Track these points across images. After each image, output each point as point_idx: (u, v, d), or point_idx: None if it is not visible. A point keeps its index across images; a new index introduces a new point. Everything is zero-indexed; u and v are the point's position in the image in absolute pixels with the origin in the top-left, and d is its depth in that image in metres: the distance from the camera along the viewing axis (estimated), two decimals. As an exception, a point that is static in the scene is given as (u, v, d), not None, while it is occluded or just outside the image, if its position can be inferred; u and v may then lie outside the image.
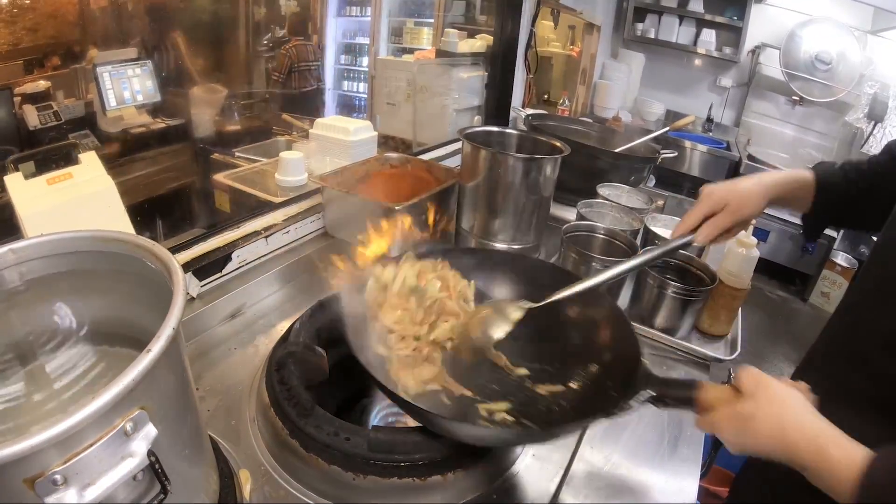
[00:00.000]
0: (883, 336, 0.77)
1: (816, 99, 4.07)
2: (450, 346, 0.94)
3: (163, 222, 2.18)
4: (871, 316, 0.82)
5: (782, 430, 0.65)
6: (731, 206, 0.98)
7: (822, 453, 0.62)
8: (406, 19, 4.45)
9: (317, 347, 0.89)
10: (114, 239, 0.65)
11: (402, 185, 1.57)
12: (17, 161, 0.98)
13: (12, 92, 2.21)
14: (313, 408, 0.80)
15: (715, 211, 0.99)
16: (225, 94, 3.08)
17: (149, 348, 0.47)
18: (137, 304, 0.68)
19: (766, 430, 0.66)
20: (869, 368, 0.79)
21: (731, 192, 0.99)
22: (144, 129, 2.58)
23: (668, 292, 1.23)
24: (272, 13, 4.08)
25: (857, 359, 0.82)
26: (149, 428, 0.49)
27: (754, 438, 0.67)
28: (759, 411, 0.67)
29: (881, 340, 0.77)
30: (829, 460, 0.61)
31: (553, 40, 4.31)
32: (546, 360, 0.97)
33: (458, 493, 0.81)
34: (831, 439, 0.63)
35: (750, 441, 0.68)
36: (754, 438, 0.67)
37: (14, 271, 0.64)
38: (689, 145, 4.00)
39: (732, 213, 0.98)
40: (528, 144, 1.59)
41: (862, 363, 0.80)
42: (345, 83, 4.75)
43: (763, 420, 0.66)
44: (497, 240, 1.46)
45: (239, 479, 0.78)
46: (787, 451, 0.65)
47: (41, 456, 0.42)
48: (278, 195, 1.78)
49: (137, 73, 2.48)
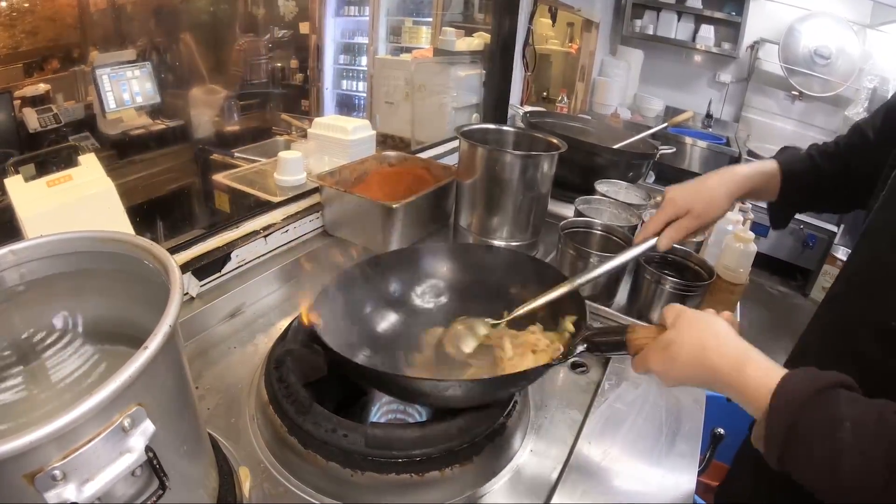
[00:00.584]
0: (874, 324, 0.77)
1: (816, 94, 4.08)
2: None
3: (163, 223, 2.19)
4: (860, 304, 0.82)
5: (703, 352, 0.66)
6: (694, 210, 0.99)
7: (741, 372, 0.62)
8: (404, 18, 4.44)
9: (315, 345, 0.90)
10: (112, 239, 0.66)
11: (401, 184, 1.58)
12: (17, 164, 0.99)
13: (12, 95, 2.22)
14: (311, 405, 0.80)
15: (679, 215, 1.00)
16: (224, 94, 3.08)
17: (146, 345, 0.48)
18: (137, 303, 0.68)
19: (687, 354, 0.67)
20: (860, 357, 0.79)
21: (695, 196, 0.99)
22: (144, 130, 2.59)
23: (666, 287, 1.23)
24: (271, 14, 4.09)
25: (848, 351, 0.82)
26: (146, 424, 0.49)
27: (679, 365, 0.68)
28: (679, 337, 0.69)
29: (872, 328, 0.77)
30: (748, 378, 0.62)
31: (552, 38, 4.32)
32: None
33: (456, 489, 0.81)
34: (751, 358, 0.63)
35: (675, 369, 0.69)
36: (679, 365, 0.68)
37: (14, 272, 0.65)
38: (689, 141, 4.00)
39: (696, 217, 0.99)
40: (525, 141, 1.59)
41: (853, 352, 0.81)
42: (344, 82, 4.75)
43: (684, 345, 0.68)
44: (495, 237, 1.47)
45: (238, 476, 0.78)
46: (708, 374, 0.66)
47: (40, 451, 0.43)
48: (277, 195, 1.78)
49: (136, 74, 2.49)
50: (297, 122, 2.96)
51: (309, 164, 1.85)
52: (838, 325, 0.88)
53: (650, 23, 4.42)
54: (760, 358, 0.64)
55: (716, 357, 0.65)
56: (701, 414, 1.03)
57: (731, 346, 0.66)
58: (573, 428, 0.98)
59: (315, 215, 1.47)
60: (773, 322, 3.50)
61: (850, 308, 0.85)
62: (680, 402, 1.04)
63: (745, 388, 0.62)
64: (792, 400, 0.57)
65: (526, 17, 2.55)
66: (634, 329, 0.77)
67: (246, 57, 3.75)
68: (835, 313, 0.90)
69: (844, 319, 0.86)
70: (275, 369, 0.88)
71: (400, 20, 4.47)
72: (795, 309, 3.77)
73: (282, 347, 0.90)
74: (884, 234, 0.80)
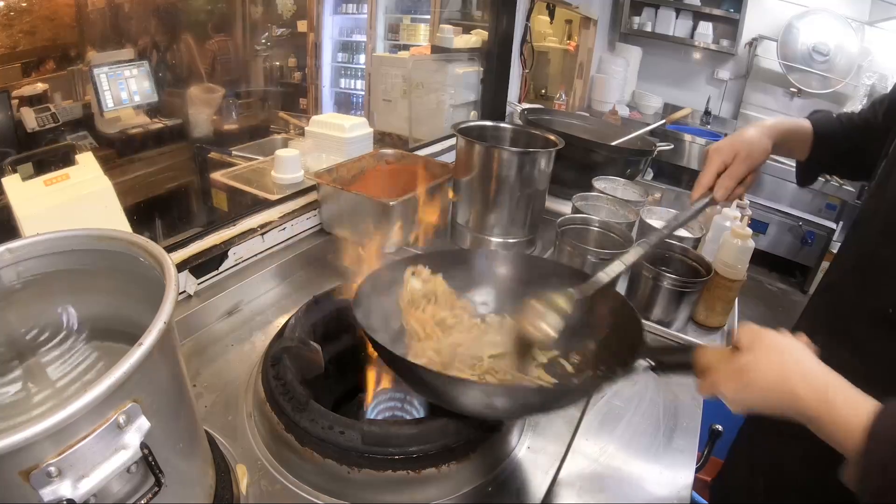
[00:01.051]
0: (867, 310, 0.77)
1: (814, 90, 4.08)
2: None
3: (161, 221, 2.20)
4: (853, 292, 0.83)
5: (784, 379, 0.62)
6: (740, 154, 1.00)
7: (827, 403, 0.59)
8: (402, 16, 4.45)
9: (312, 342, 0.90)
10: (108, 237, 0.66)
11: (398, 181, 1.58)
12: (14, 163, 0.99)
13: (10, 95, 2.21)
14: (308, 402, 0.80)
15: (726, 164, 1.01)
16: (222, 93, 3.08)
17: (140, 342, 0.48)
18: (133, 300, 0.68)
19: (768, 381, 0.63)
20: (852, 343, 0.79)
21: (738, 142, 1.01)
22: (142, 129, 2.59)
23: (664, 284, 1.23)
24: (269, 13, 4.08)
25: (840, 334, 0.83)
26: (141, 420, 0.50)
27: (755, 391, 0.64)
28: (758, 362, 0.64)
29: (865, 314, 0.78)
30: (835, 409, 0.58)
31: (550, 35, 4.31)
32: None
33: (453, 486, 0.81)
34: (838, 388, 0.60)
35: (751, 395, 0.64)
36: (755, 391, 0.64)
37: (11, 270, 0.65)
38: (687, 138, 4.01)
39: (744, 160, 1.00)
40: (522, 138, 1.59)
41: (845, 338, 0.81)
42: (342, 80, 4.75)
43: (763, 371, 0.63)
44: (492, 234, 1.47)
45: (235, 473, 0.79)
46: (790, 402, 0.61)
47: (35, 448, 0.43)
48: (275, 193, 1.78)
49: (134, 73, 2.49)
50: (294, 121, 2.96)
51: (306, 162, 1.85)
52: (831, 310, 0.89)
53: (648, 20, 4.42)
54: (846, 387, 0.60)
55: (800, 385, 0.61)
56: (699, 410, 1.03)
57: (816, 373, 0.62)
58: (571, 424, 0.98)
59: (312, 213, 1.47)
60: (771, 319, 3.50)
61: (844, 295, 0.86)
62: (678, 398, 1.04)
63: (832, 422, 0.58)
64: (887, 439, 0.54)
65: (524, 15, 2.55)
66: (702, 350, 0.72)
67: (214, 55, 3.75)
68: (827, 300, 0.92)
69: (837, 305, 0.87)
70: (272, 367, 0.88)
71: (398, 18, 4.47)
72: (794, 306, 3.77)
73: (279, 345, 0.90)
74: (873, 223, 0.81)
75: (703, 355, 0.71)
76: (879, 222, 0.80)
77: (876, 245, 0.79)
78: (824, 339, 0.86)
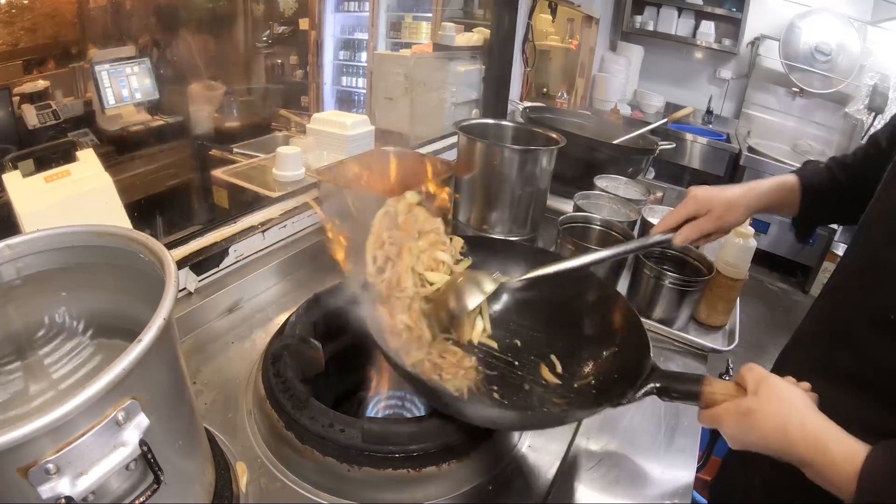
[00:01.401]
0: (869, 314, 0.77)
1: (816, 90, 4.07)
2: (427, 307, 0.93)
3: (162, 219, 2.19)
4: (856, 295, 0.83)
5: (784, 426, 0.65)
6: (714, 211, 0.99)
7: (821, 449, 0.62)
8: (404, 14, 4.44)
9: (312, 340, 0.90)
10: (108, 233, 0.66)
11: (399, 179, 1.57)
12: (15, 159, 0.98)
13: (11, 92, 2.21)
14: (308, 400, 0.80)
15: (699, 214, 1.00)
16: (223, 90, 3.08)
17: (140, 338, 0.48)
18: (133, 296, 0.68)
19: (769, 427, 0.67)
20: (854, 347, 0.80)
21: (717, 199, 1.00)
22: (143, 126, 2.58)
23: (666, 283, 1.23)
24: (271, 10, 4.08)
25: (842, 338, 0.83)
26: (140, 418, 0.49)
27: (756, 435, 0.68)
28: (762, 408, 0.67)
29: (867, 319, 0.78)
30: (829, 455, 0.61)
31: (552, 34, 4.30)
32: (556, 347, 0.99)
33: (453, 484, 0.81)
34: (832, 436, 0.63)
35: (750, 437, 0.69)
36: (756, 435, 0.68)
37: (11, 266, 0.65)
38: (689, 137, 4.00)
39: (715, 219, 1.00)
40: (524, 136, 1.59)
41: (847, 342, 0.81)
42: (343, 78, 4.75)
43: (766, 417, 0.67)
44: (494, 231, 1.47)
45: (235, 471, 0.78)
46: (787, 448, 0.65)
47: (34, 445, 0.43)
48: (276, 190, 1.78)
49: (135, 70, 2.48)
50: (295, 118, 2.96)
51: (308, 160, 1.85)
52: (834, 314, 0.89)
53: (650, 19, 4.41)
54: (842, 436, 0.63)
55: (797, 433, 0.64)
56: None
57: (810, 420, 0.65)
58: (572, 423, 0.97)
59: (313, 211, 1.47)
60: (772, 319, 3.49)
61: (846, 298, 0.85)
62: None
63: (826, 468, 0.62)
64: (875, 483, 0.57)
65: (525, 13, 2.55)
66: (711, 383, 0.75)
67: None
68: (831, 303, 0.91)
69: (839, 309, 0.86)
70: (272, 364, 0.87)
71: (400, 16, 4.46)
72: (795, 306, 3.76)
73: (279, 342, 0.90)
74: (878, 226, 0.81)
75: (711, 387, 0.75)
76: (883, 226, 0.80)
77: (879, 249, 0.79)
78: (827, 345, 0.86)
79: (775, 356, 1.06)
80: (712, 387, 0.74)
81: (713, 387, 0.74)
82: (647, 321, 1.25)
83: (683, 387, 0.77)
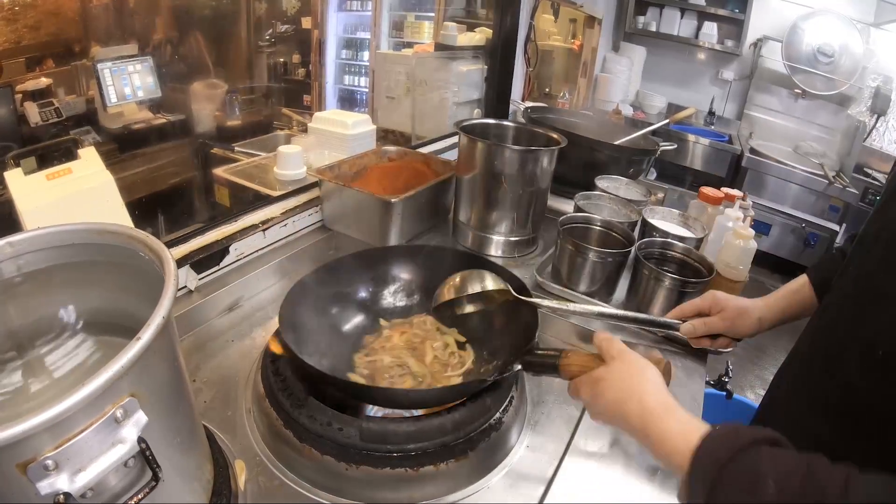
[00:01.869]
0: (858, 346, 0.74)
1: (819, 92, 4.06)
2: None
3: (163, 217, 2.20)
4: (847, 324, 0.80)
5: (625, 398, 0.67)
6: (727, 312, 1.04)
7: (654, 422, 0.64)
8: (407, 13, 4.44)
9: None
10: (108, 231, 0.66)
11: (400, 179, 1.57)
12: (16, 157, 0.99)
13: (13, 89, 2.21)
14: (307, 398, 0.80)
15: (712, 311, 1.06)
16: (225, 89, 3.08)
17: (139, 336, 0.48)
18: (133, 294, 0.69)
19: (611, 396, 0.69)
20: (843, 379, 0.77)
21: (734, 305, 1.04)
22: (145, 124, 2.58)
23: (665, 283, 1.23)
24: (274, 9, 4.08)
25: (832, 367, 0.80)
26: (139, 415, 0.50)
27: (601, 403, 0.71)
28: (609, 375, 0.71)
29: (857, 350, 0.75)
30: (666, 433, 0.62)
31: (554, 34, 4.30)
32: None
33: (451, 484, 0.81)
34: (671, 412, 0.64)
35: (598, 405, 0.71)
36: (601, 403, 0.71)
37: (12, 264, 0.65)
38: (691, 138, 4.00)
39: (725, 320, 1.04)
40: (525, 136, 1.59)
41: (836, 373, 0.79)
42: (346, 77, 4.75)
43: (611, 386, 0.70)
44: (494, 232, 1.47)
45: (234, 469, 0.78)
46: (623, 421, 0.68)
47: (33, 441, 0.43)
48: (277, 189, 1.78)
49: (138, 69, 2.48)
50: (297, 117, 2.96)
51: (309, 159, 1.85)
52: (825, 340, 0.86)
53: (653, 19, 4.41)
54: (682, 414, 0.64)
55: (635, 407, 0.66)
56: (699, 412, 1.03)
57: (656, 398, 0.66)
58: (570, 424, 0.97)
59: (314, 209, 1.47)
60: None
61: (838, 325, 0.83)
62: (677, 399, 1.03)
63: (662, 442, 0.62)
64: (713, 459, 0.56)
65: (528, 13, 2.55)
66: (568, 355, 0.80)
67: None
68: (824, 326, 0.89)
69: (831, 335, 0.84)
70: (271, 363, 0.88)
71: (402, 15, 4.46)
72: (796, 307, 3.76)
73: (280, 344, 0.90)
74: (877, 248, 0.77)
75: (568, 359, 0.79)
76: (881, 249, 0.76)
77: (875, 277, 0.76)
78: (817, 374, 0.85)
79: (775, 357, 1.06)
80: (569, 359, 0.79)
81: (570, 358, 0.79)
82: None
83: (542, 360, 0.83)
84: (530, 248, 1.54)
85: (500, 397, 0.88)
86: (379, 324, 1.09)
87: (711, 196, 1.53)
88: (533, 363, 0.83)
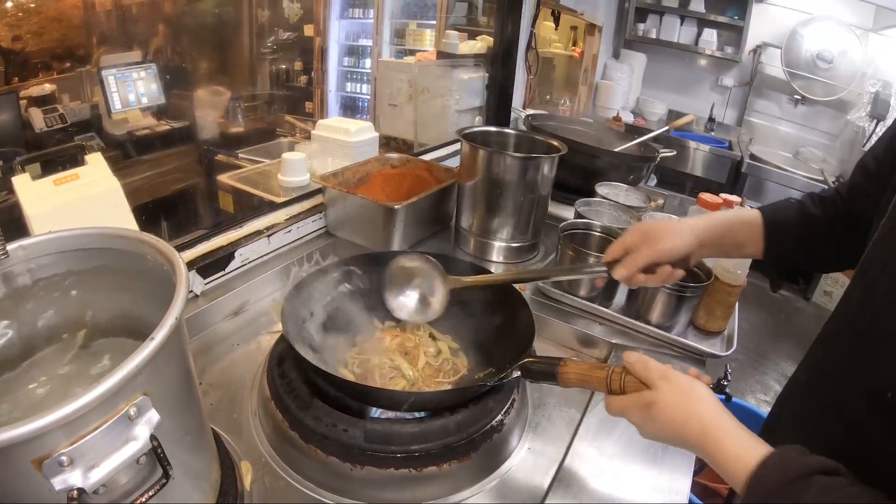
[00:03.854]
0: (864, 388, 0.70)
1: (818, 98, 4.08)
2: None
3: (168, 223, 2.22)
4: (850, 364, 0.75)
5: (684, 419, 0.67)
6: (649, 234, 0.94)
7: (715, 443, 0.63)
8: (408, 21, 4.47)
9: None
10: (118, 235, 0.67)
11: (402, 185, 1.59)
12: (24, 162, 1.01)
13: (18, 95, 2.23)
14: (312, 400, 0.82)
15: (636, 246, 0.94)
16: (228, 96, 3.11)
17: (153, 336, 0.50)
18: (142, 298, 0.70)
19: (667, 417, 0.68)
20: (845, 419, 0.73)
21: (655, 227, 0.95)
22: (149, 131, 2.61)
23: (664, 288, 1.24)
24: (276, 16, 4.11)
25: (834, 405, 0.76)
26: (151, 413, 0.51)
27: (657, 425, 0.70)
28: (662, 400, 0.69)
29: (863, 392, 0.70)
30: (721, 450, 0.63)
31: (555, 41, 4.33)
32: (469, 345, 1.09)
33: (453, 485, 0.82)
34: (729, 431, 0.64)
35: (653, 429, 0.71)
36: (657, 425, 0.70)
37: (23, 267, 0.67)
38: (691, 145, 4.01)
39: (648, 244, 0.93)
40: (526, 144, 1.60)
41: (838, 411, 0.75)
42: (348, 85, 4.78)
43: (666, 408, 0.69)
44: (496, 238, 1.48)
45: (240, 470, 0.80)
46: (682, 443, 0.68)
47: (48, 437, 0.44)
48: (281, 195, 1.80)
49: (142, 75, 2.51)
50: (300, 124, 2.98)
51: (312, 166, 1.87)
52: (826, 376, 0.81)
53: (653, 26, 4.43)
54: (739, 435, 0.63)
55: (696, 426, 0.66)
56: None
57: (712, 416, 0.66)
58: (571, 426, 0.99)
59: (318, 216, 1.49)
60: (774, 325, 3.49)
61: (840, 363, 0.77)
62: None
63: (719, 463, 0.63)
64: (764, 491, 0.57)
65: (529, 21, 2.57)
66: (567, 363, 0.80)
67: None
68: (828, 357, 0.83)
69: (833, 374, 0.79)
70: (277, 365, 0.89)
71: (404, 23, 4.49)
72: (797, 312, 3.76)
73: (284, 344, 0.91)
74: (883, 280, 0.70)
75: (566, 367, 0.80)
76: (888, 282, 0.69)
77: (881, 315, 0.69)
78: (820, 412, 0.80)
79: (776, 363, 1.05)
80: (567, 367, 0.80)
81: (568, 367, 0.80)
82: (645, 326, 1.26)
83: (542, 367, 0.83)
84: (531, 254, 1.55)
85: (502, 400, 0.89)
86: (373, 325, 1.09)
87: (710, 202, 1.55)
88: (531, 370, 0.84)
